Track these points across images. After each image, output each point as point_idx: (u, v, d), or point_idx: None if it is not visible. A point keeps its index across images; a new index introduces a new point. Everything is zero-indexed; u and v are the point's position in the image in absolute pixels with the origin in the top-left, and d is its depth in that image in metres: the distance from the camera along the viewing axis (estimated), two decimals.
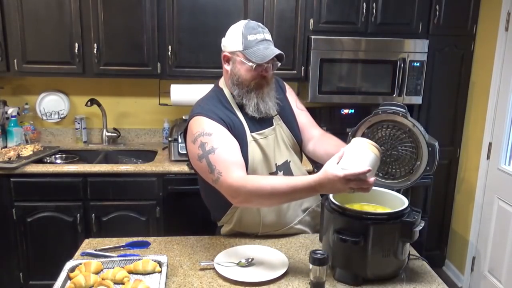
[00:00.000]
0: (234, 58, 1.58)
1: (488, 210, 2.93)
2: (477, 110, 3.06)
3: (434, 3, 2.91)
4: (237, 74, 1.59)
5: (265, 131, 1.65)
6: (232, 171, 1.45)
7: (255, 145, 1.61)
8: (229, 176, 1.44)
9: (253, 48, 1.54)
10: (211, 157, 1.47)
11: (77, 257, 1.55)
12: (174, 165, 2.71)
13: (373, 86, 2.97)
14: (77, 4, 2.72)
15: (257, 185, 1.41)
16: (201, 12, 2.79)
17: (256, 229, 1.70)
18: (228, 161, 1.47)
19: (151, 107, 3.22)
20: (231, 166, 1.46)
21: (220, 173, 1.45)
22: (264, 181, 1.42)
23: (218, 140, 1.50)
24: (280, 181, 1.42)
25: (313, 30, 2.88)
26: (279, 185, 1.39)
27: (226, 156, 1.48)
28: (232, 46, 1.57)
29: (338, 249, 1.39)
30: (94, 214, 2.68)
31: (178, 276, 1.43)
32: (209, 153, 1.48)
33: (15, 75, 2.87)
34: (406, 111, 1.49)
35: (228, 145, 1.51)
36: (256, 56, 1.53)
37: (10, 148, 2.87)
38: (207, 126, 1.53)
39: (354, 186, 1.29)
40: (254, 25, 1.57)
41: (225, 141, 1.51)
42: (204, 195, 1.76)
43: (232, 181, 1.43)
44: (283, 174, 1.67)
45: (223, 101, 1.63)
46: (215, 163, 1.46)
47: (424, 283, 1.42)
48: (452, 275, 3.31)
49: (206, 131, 1.51)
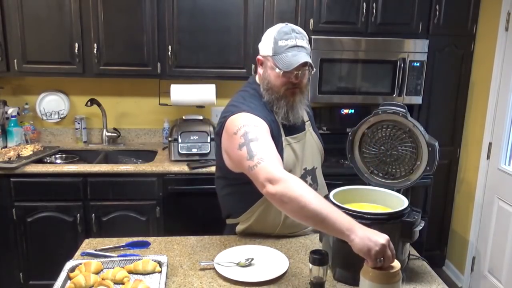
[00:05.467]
0: (265, 62, 1.57)
1: (488, 210, 2.93)
2: (477, 110, 3.06)
3: (434, 3, 2.91)
4: (267, 79, 1.58)
5: (298, 135, 1.65)
6: (275, 162, 1.37)
7: (290, 149, 1.61)
8: (271, 165, 1.35)
9: (281, 55, 1.51)
10: (252, 144, 1.41)
11: (77, 257, 1.55)
12: (174, 165, 2.71)
13: (373, 86, 2.97)
14: (77, 4, 2.72)
15: (300, 187, 1.29)
16: (201, 12, 2.79)
17: (273, 229, 1.68)
18: (271, 152, 1.41)
19: (151, 107, 3.22)
20: (274, 158, 1.39)
21: (262, 159, 1.37)
22: (307, 190, 1.29)
23: (262, 133, 1.46)
24: (320, 202, 1.26)
25: (313, 30, 2.88)
26: (317, 204, 1.24)
27: (269, 148, 1.43)
28: (264, 50, 1.57)
29: (338, 249, 1.39)
30: (94, 214, 2.68)
31: (178, 276, 1.43)
32: (251, 141, 1.42)
33: (15, 75, 2.87)
34: (406, 111, 1.49)
35: (271, 141, 1.47)
36: (283, 62, 1.51)
37: (10, 148, 2.87)
38: (253, 120, 1.49)
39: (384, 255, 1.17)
40: (288, 30, 1.53)
41: (268, 137, 1.48)
42: (225, 193, 1.74)
43: (274, 170, 1.33)
44: (311, 179, 1.68)
45: (263, 100, 1.61)
46: (257, 150, 1.39)
47: (424, 283, 1.42)
48: (452, 275, 3.31)
49: (252, 123, 1.47)
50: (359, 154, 1.63)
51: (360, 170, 1.64)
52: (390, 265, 1.17)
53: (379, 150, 1.59)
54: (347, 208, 1.38)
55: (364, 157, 1.63)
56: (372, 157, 1.61)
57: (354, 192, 1.56)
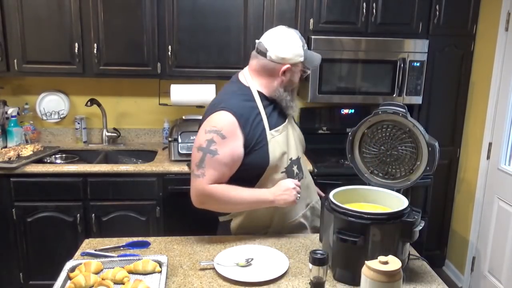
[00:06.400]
0: (294, 68, 1.67)
1: (488, 210, 2.93)
2: (477, 110, 3.06)
3: (434, 3, 2.91)
4: (294, 81, 1.71)
5: (280, 127, 1.70)
6: (211, 180, 1.58)
7: (274, 141, 1.66)
8: (207, 181, 1.57)
9: (309, 57, 1.69)
10: (207, 157, 1.56)
11: (77, 257, 1.55)
12: (174, 165, 2.71)
13: (373, 86, 2.97)
14: (77, 4, 2.72)
15: (226, 194, 1.60)
16: (201, 12, 2.79)
17: (268, 221, 1.73)
18: (218, 172, 1.58)
19: (151, 107, 3.22)
20: (216, 177, 1.58)
21: (204, 174, 1.57)
22: (227, 195, 1.60)
23: (226, 148, 1.56)
24: (239, 196, 1.61)
25: (313, 30, 2.88)
26: (237, 200, 1.62)
27: (220, 167, 1.58)
28: (295, 58, 1.65)
29: (338, 249, 1.39)
30: (94, 214, 2.68)
31: (178, 276, 1.43)
32: (208, 152, 1.56)
33: (15, 75, 2.87)
34: (406, 111, 1.49)
35: (230, 158, 1.58)
36: (311, 62, 1.72)
37: (10, 148, 2.87)
38: (228, 128, 1.57)
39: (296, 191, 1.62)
40: (299, 34, 1.69)
41: (230, 152, 1.58)
42: None
43: (207, 188, 1.58)
44: (297, 168, 1.75)
45: (250, 98, 1.67)
46: (207, 165, 1.56)
47: (424, 283, 1.42)
48: (452, 275, 3.31)
49: (222, 132, 1.56)
50: (359, 154, 1.64)
51: (360, 170, 1.64)
52: (390, 265, 1.18)
53: (379, 150, 1.59)
54: (347, 208, 1.38)
55: (364, 157, 1.63)
56: (372, 157, 1.61)
57: (354, 192, 1.56)
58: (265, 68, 1.66)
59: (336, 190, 1.51)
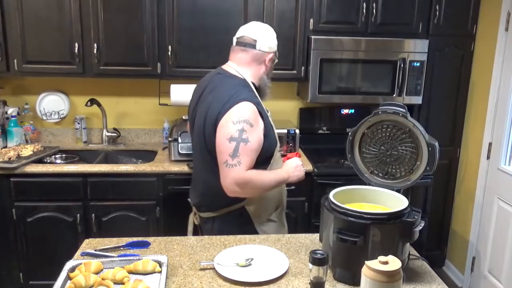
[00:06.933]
0: (273, 56, 1.88)
1: (488, 210, 2.93)
2: (477, 110, 3.06)
3: (434, 3, 2.91)
4: (272, 68, 1.91)
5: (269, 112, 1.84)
6: (247, 167, 1.66)
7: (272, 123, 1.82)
8: (244, 169, 1.64)
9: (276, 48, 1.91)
10: (241, 146, 1.64)
11: (77, 257, 1.55)
12: (174, 165, 2.71)
13: (373, 86, 2.97)
14: (77, 4, 2.72)
15: (257, 179, 1.70)
16: (201, 12, 2.79)
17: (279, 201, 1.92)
18: (251, 158, 1.67)
19: (151, 107, 3.22)
20: (250, 164, 1.67)
21: (240, 162, 1.63)
22: (261, 179, 1.71)
23: (254, 135, 1.67)
24: (267, 179, 1.74)
25: (313, 30, 2.88)
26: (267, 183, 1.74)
27: (252, 153, 1.67)
28: (275, 46, 1.88)
29: (338, 249, 1.39)
30: (94, 214, 2.68)
31: (178, 276, 1.44)
32: (242, 141, 1.64)
33: (15, 75, 2.86)
34: (406, 111, 1.49)
35: (258, 144, 1.70)
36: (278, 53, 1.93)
37: (10, 148, 2.87)
38: (253, 116, 1.68)
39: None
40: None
41: (258, 139, 1.69)
42: None
43: (245, 174, 1.65)
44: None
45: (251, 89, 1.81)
46: (242, 153, 1.64)
47: (424, 283, 1.42)
48: (452, 275, 3.31)
49: (250, 121, 1.67)
50: (359, 154, 1.64)
51: (360, 170, 1.64)
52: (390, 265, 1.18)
53: (379, 150, 1.59)
54: (347, 208, 1.38)
55: (364, 157, 1.63)
56: (372, 157, 1.61)
57: (354, 192, 1.56)
58: (254, 58, 1.82)
59: (336, 190, 1.51)
